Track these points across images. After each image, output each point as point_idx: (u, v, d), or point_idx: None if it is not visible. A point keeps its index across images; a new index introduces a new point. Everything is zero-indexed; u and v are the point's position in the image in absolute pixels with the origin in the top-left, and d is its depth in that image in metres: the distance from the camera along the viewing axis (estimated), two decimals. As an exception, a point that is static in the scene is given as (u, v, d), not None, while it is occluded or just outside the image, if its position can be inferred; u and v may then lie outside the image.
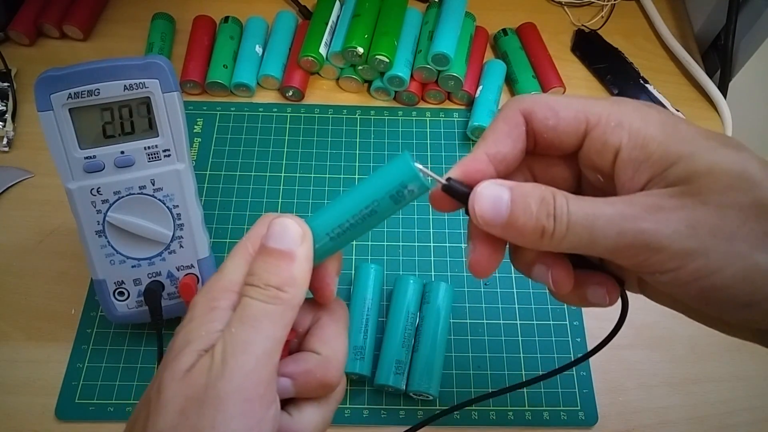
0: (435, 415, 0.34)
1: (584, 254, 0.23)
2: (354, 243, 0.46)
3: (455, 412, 0.40)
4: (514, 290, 0.44)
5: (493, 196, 0.23)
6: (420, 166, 0.24)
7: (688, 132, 0.22)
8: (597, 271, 0.26)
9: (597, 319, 0.43)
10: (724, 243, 0.20)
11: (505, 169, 0.25)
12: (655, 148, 0.22)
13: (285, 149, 0.51)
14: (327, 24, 0.53)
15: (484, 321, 0.43)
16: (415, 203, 0.48)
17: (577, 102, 0.24)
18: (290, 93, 0.53)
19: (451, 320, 0.43)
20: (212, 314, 0.22)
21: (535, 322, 0.43)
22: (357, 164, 0.50)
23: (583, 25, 0.59)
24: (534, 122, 0.24)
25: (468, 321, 0.43)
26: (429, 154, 0.51)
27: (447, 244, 0.46)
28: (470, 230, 0.26)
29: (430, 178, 0.24)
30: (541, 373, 0.41)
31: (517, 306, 0.44)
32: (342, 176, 0.49)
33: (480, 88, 0.52)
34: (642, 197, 0.21)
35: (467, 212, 0.24)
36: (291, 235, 0.23)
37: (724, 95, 0.54)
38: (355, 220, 0.24)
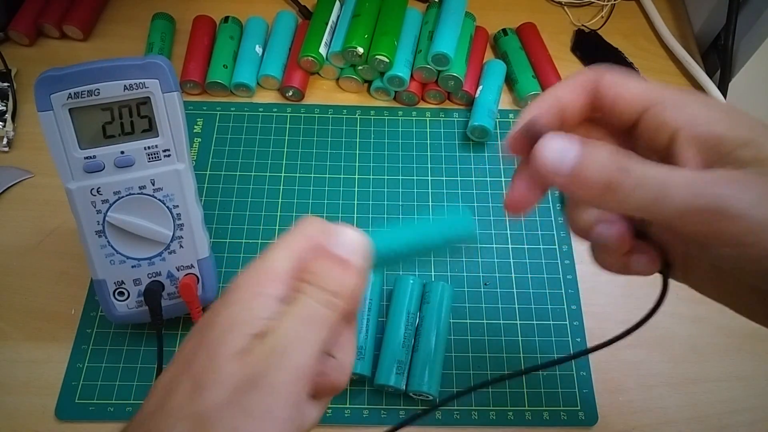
0: (415, 415, 0.34)
1: (644, 217, 0.22)
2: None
3: (455, 413, 0.40)
4: (514, 290, 0.44)
5: (562, 143, 0.22)
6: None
7: (752, 119, 0.22)
8: (644, 240, 0.25)
9: (597, 319, 0.43)
10: None
11: (565, 120, 0.25)
12: (723, 131, 0.21)
13: (285, 149, 0.51)
14: (327, 24, 0.53)
15: (484, 321, 0.43)
16: (415, 203, 0.48)
17: (646, 82, 0.24)
18: (290, 93, 0.53)
19: (451, 320, 0.43)
20: (258, 300, 0.22)
21: (535, 322, 0.43)
22: (357, 164, 0.50)
23: (583, 25, 0.59)
24: (601, 85, 0.24)
25: (468, 321, 0.43)
26: (429, 154, 0.51)
27: (447, 244, 0.46)
28: (515, 173, 0.26)
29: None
30: (542, 374, 0.41)
31: (517, 306, 0.44)
32: (342, 176, 0.49)
33: (480, 88, 0.52)
34: (717, 170, 0.21)
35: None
36: (359, 249, 0.24)
37: (724, 95, 0.54)
38: (404, 258, 0.26)
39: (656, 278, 0.27)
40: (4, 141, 0.50)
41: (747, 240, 0.19)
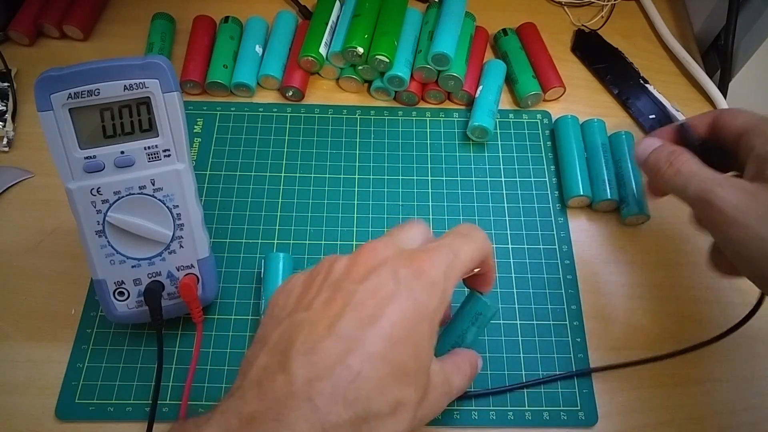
0: None
1: (681, 198, 0.33)
2: (353, 242, 0.46)
3: (455, 413, 0.40)
4: (514, 290, 0.44)
5: (648, 142, 0.37)
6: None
7: None
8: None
9: (597, 320, 0.43)
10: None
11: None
12: None
13: (285, 149, 0.51)
14: (327, 24, 0.53)
15: (484, 321, 0.43)
16: (415, 203, 0.48)
17: (752, 114, 0.34)
18: (290, 93, 0.53)
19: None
20: None
21: (535, 322, 0.43)
22: (357, 164, 0.50)
23: (583, 25, 0.59)
24: (721, 115, 0.35)
25: (468, 321, 0.43)
26: (429, 154, 0.51)
27: (447, 244, 0.46)
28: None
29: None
30: (542, 374, 0.41)
31: (517, 306, 0.44)
32: (342, 176, 0.49)
33: (480, 88, 0.52)
34: (729, 176, 0.32)
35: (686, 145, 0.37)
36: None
37: (724, 95, 0.54)
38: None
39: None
40: (4, 141, 0.50)
41: (719, 218, 0.30)
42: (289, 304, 0.28)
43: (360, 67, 0.53)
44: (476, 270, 0.32)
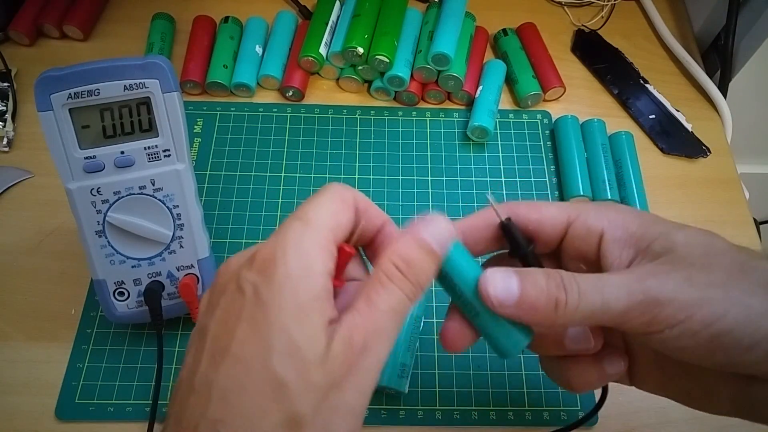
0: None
1: (598, 324, 0.24)
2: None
3: (455, 413, 0.40)
4: (514, 290, 0.44)
5: (502, 276, 0.24)
6: (491, 199, 0.28)
7: (658, 218, 0.26)
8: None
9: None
10: (721, 291, 0.23)
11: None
12: (636, 229, 0.25)
13: (285, 149, 0.51)
14: (327, 24, 0.53)
15: (484, 321, 0.43)
16: (415, 203, 0.48)
17: (555, 203, 0.28)
18: (290, 93, 0.53)
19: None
20: (319, 279, 0.22)
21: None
22: (357, 164, 0.50)
23: (583, 25, 0.59)
24: (518, 214, 0.27)
25: (468, 321, 0.43)
26: (429, 154, 0.51)
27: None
28: (450, 307, 0.27)
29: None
30: (542, 373, 0.41)
31: (517, 306, 0.44)
32: (342, 176, 0.49)
33: (480, 88, 0.52)
34: (636, 268, 0.24)
35: (513, 252, 0.27)
36: (446, 236, 0.24)
37: (724, 95, 0.54)
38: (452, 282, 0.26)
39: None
40: (4, 141, 0.50)
41: (680, 317, 0.22)
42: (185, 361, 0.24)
43: (360, 67, 0.53)
44: (361, 230, 0.26)
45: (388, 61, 0.50)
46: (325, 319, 0.22)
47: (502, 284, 0.24)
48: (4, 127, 0.50)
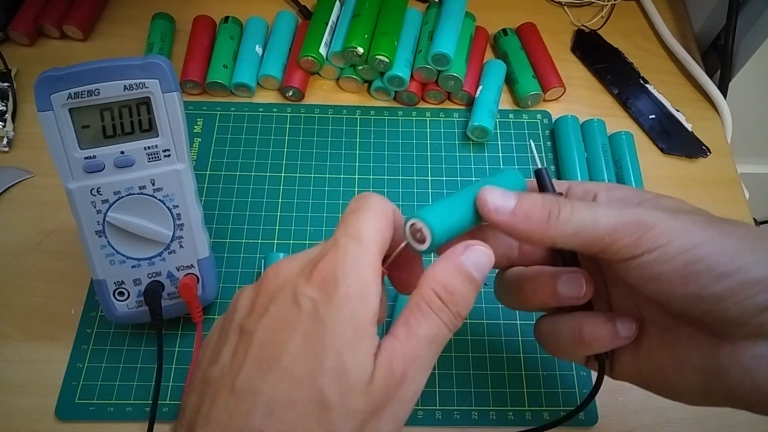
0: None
1: (584, 243, 0.25)
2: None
3: (455, 413, 0.40)
4: (514, 290, 0.44)
5: (501, 191, 0.26)
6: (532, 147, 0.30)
7: (647, 191, 0.28)
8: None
9: (597, 319, 0.43)
10: (700, 228, 0.24)
11: None
12: (628, 192, 0.28)
13: (285, 149, 0.51)
14: (327, 24, 0.53)
15: (484, 321, 0.43)
16: (415, 203, 0.48)
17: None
18: (290, 93, 0.53)
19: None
20: (370, 301, 0.23)
21: (534, 323, 0.43)
22: (357, 164, 0.50)
23: (583, 25, 0.59)
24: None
25: (468, 321, 0.43)
26: (429, 154, 0.51)
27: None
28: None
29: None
30: (542, 374, 0.41)
31: (517, 306, 0.44)
32: (342, 176, 0.49)
33: (480, 88, 0.52)
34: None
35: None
36: (486, 266, 0.24)
37: (724, 95, 0.54)
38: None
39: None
40: (4, 141, 0.50)
41: (662, 240, 0.24)
42: (204, 359, 0.24)
43: (360, 67, 0.53)
44: (401, 245, 0.26)
45: (388, 61, 0.50)
46: (375, 344, 0.22)
47: (501, 196, 0.25)
48: (4, 127, 0.50)
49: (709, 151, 0.52)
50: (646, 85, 0.55)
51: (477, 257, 0.24)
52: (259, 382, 0.21)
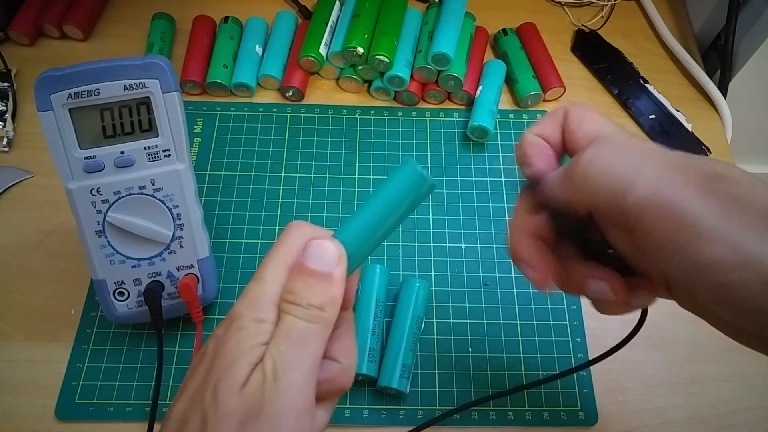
0: (436, 417, 0.34)
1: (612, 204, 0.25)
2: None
3: (455, 414, 0.40)
4: (514, 290, 0.44)
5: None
6: None
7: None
8: (635, 276, 0.28)
9: (597, 320, 0.43)
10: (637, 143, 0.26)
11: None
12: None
13: (285, 149, 0.51)
14: (327, 24, 0.53)
15: (484, 321, 0.43)
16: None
17: (600, 119, 0.29)
18: (290, 93, 0.53)
19: (452, 320, 0.43)
20: (260, 327, 0.23)
21: (535, 322, 0.43)
22: (357, 164, 0.50)
23: (583, 25, 0.59)
24: (567, 122, 0.30)
25: (468, 321, 0.43)
26: (429, 154, 0.51)
27: (447, 244, 0.46)
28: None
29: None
30: (542, 374, 0.41)
31: (517, 306, 0.44)
32: (342, 176, 0.49)
33: (480, 88, 0.52)
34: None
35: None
36: (330, 257, 0.24)
37: (724, 95, 0.55)
38: (379, 235, 0.26)
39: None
40: (4, 141, 0.50)
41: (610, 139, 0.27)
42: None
43: (360, 67, 0.53)
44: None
45: (388, 61, 0.50)
46: (258, 355, 0.23)
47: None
48: (4, 127, 0.50)
49: (709, 151, 0.52)
50: (646, 85, 0.55)
51: (313, 252, 0.25)
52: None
